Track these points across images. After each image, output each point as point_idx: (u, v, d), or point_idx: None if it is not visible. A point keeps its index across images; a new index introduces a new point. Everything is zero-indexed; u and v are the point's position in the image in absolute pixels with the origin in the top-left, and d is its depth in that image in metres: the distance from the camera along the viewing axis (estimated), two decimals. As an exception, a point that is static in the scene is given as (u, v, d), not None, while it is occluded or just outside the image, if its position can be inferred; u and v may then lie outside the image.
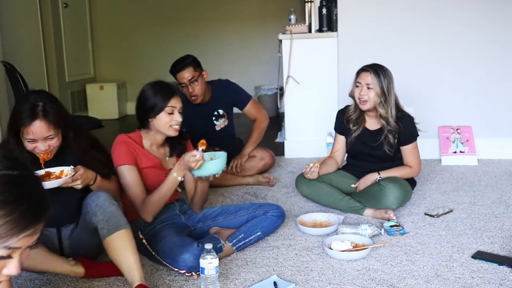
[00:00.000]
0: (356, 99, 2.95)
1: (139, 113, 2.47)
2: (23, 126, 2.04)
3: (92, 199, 2.11)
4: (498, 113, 4.03)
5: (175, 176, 2.32)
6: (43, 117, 2.04)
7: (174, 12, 6.81)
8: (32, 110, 2.04)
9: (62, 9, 6.21)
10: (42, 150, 2.09)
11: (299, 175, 3.15)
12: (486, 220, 2.79)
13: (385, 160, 3.02)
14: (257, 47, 6.74)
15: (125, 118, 6.77)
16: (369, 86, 2.88)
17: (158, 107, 2.39)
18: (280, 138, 4.88)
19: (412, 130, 2.98)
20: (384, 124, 2.94)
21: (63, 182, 2.05)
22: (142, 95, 2.46)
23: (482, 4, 3.93)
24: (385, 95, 2.89)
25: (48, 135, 2.07)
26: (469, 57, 3.99)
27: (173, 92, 2.43)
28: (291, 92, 4.24)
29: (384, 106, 2.90)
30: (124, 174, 2.35)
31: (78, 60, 6.55)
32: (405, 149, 2.99)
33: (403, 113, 2.97)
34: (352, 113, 3.05)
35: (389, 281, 2.15)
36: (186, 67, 3.48)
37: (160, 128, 2.42)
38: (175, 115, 2.40)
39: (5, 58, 4.65)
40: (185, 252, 2.14)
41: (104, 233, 2.03)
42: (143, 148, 2.45)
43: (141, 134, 2.49)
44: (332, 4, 4.12)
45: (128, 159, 2.36)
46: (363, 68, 2.94)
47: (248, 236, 2.47)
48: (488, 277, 2.16)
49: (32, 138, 2.05)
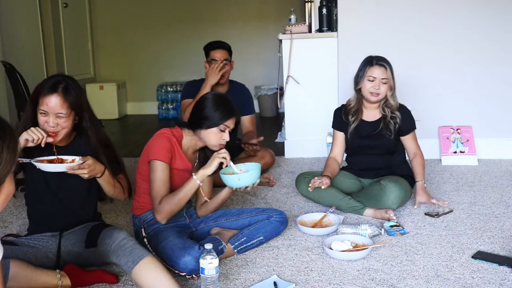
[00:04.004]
0: (367, 92, 2.95)
1: (193, 116, 2.43)
2: (41, 96, 2.12)
3: (111, 239, 2.11)
4: (498, 113, 4.03)
5: (195, 178, 2.31)
6: (61, 93, 2.12)
7: (174, 12, 6.81)
8: (54, 84, 2.14)
9: (62, 9, 6.21)
10: (51, 125, 2.12)
11: (299, 175, 3.15)
12: (486, 220, 2.79)
13: (385, 153, 3.02)
14: (257, 47, 6.74)
15: (125, 118, 6.77)
16: (384, 81, 2.92)
17: (213, 122, 2.36)
18: (280, 138, 4.88)
19: (411, 119, 3.04)
20: (387, 112, 2.98)
21: (69, 167, 2.09)
22: (202, 103, 2.41)
23: (482, 4, 3.93)
24: (394, 86, 2.98)
25: (60, 112, 2.12)
26: (469, 57, 3.99)
27: (233, 112, 2.40)
28: (291, 92, 4.24)
29: (393, 96, 2.98)
30: (157, 170, 2.33)
31: (78, 60, 6.55)
32: (407, 138, 3.03)
33: (399, 104, 3.05)
34: (352, 106, 3.07)
35: (389, 281, 2.15)
36: (223, 48, 3.67)
37: (207, 140, 2.40)
38: (225, 134, 2.39)
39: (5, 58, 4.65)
40: (186, 255, 2.14)
41: (129, 266, 2.02)
42: (181, 149, 2.43)
43: (182, 133, 2.46)
44: (332, 4, 4.12)
45: (166, 156, 2.34)
46: (376, 63, 2.95)
47: (251, 239, 2.46)
48: (488, 277, 2.16)
49: (45, 110, 2.12)
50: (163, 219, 2.34)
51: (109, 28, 6.92)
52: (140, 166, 2.46)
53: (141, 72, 6.91)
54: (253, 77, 6.55)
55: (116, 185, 2.30)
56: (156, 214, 2.35)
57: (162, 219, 2.34)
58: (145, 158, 2.42)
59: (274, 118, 6.32)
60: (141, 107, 6.95)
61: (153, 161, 2.34)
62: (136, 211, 2.47)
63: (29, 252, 2.15)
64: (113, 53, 6.96)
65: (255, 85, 6.47)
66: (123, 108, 6.83)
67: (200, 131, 2.39)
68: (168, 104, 6.64)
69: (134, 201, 2.50)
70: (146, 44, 6.86)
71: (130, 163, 3.58)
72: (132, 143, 5.05)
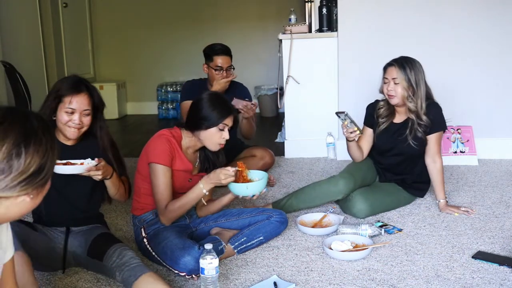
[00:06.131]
0: (385, 95, 2.89)
1: (191, 117, 2.43)
2: (68, 95, 2.16)
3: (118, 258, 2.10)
4: (498, 113, 4.03)
5: (201, 187, 2.31)
6: (88, 92, 2.21)
7: (174, 12, 6.80)
8: (79, 82, 2.22)
9: (62, 9, 6.20)
10: (76, 123, 2.17)
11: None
12: (487, 220, 2.79)
13: (408, 159, 2.96)
14: (257, 47, 6.73)
15: (125, 118, 6.77)
16: (396, 81, 2.81)
17: (212, 121, 2.36)
18: (280, 138, 4.87)
19: (440, 118, 2.90)
20: (413, 117, 2.87)
21: (88, 168, 2.11)
22: (199, 103, 2.41)
23: (482, 4, 3.92)
24: (413, 88, 2.80)
25: (86, 109, 2.18)
26: (470, 57, 3.99)
27: (230, 110, 2.41)
28: (291, 92, 4.23)
29: (413, 100, 2.81)
30: (159, 173, 2.33)
31: (77, 60, 6.55)
32: (430, 138, 2.90)
33: (430, 101, 2.88)
34: (382, 108, 2.99)
35: (389, 281, 2.15)
36: (228, 54, 3.60)
37: (206, 140, 2.40)
38: (225, 133, 2.39)
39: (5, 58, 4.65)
40: (186, 255, 2.14)
41: (131, 280, 2.01)
42: (181, 150, 2.43)
43: (181, 134, 2.46)
44: (332, 4, 4.12)
45: (167, 159, 2.34)
46: (389, 63, 2.88)
47: (251, 240, 2.46)
48: (488, 277, 2.16)
49: (73, 108, 2.16)
50: (168, 223, 2.38)
51: (109, 28, 6.91)
52: (140, 166, 2.46)
53: (141, 72, 6.91)
54: (253, 77, 6.55)
55: (120, 187, 2.32)
56: (161, 218, 2.37)
57: (166, 222, 2.38)
58: (144, 159, 2.42)
59: (274, 118, 6.31)
60: (141, 107, 6.95)
61: (154, 164, 2.34)
62: (136, 212, 2.47)
63: (41, 239, 2.17)
64: (113, 53, 6.96)
65: (255, 85, 6.47)
66: (123, 108, 6.83)
67: (200, 132, 2.39)
68: (168, 104, 6.64)
69: (134, 202, 2.50)
70: (146, 44, 6.85)
71: (130, 163, 3.56)
72: (132, 143, 5.04)
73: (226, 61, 3.58)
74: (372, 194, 2.91)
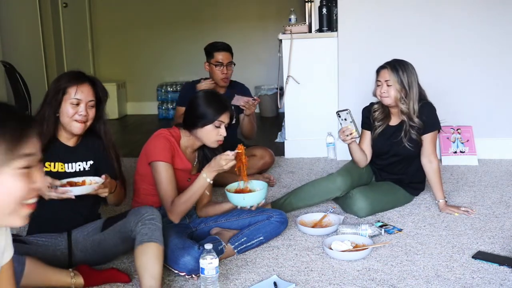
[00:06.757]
0: (378, 97, 2.91)
1: (187, 117, 2.46)
2: (72, 85, 2.15)
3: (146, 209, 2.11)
4: (498, 113, 4.02)
5: (205, 177, 2.32)
6: (91, 81, 2.21)
7: (174, 12, 6.80)
8: (80, 73, 2.21)
9: (62, 9, 6.20)
10: (83, 114, 2.15)
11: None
12: (487, 220, 2.79)
13: (404, 160, 2.97)
14: (257, 47, 6.73)
15: (125, 118, 6.76)
16: (389, 83, 2.83)
17: (208, 119, 2.38)
18: (280, 138, 4.87)
19: (434, 118, 2.91)
20: (405, 119, 2.89)
21: (96, 188, 2.09)
22: (195, 102, 2.44)
23: (482, 4, 3.92)
24: (406, 90, 2.83)
25: (91, 100, 2.17)
26: (470, 57, 3.99)
27: (226, 107, 2.43)
28: (291, 92, 4.23)
29: (406, 102, 2.84)
30: (161, 171, 2.35)
31: (77, 60, 6.54)
32: (426, 138, 2.90)
33: (424, 102, 2.90)
34: (377, 111, 3.00)
35: (390, 281, 2.15)
36: (228, 50, 3.67)
37: (203, 138, 2.42)
38: (222, 129, 2.40)
39: (5, 58, 4.65)
40: (186, 255, 2.14)
41: (144, 239, 2.02)
42: (180, 149, 2.44)
43: (180, 133, 2.47)
44: (332, 4, 4.11)
45: (167, 156, 2.36)
46: (381, 66, 2.90)
47: (251, 240, 2.46)
48: (488, 277, 2.16)
49: (78, 99, 2.14)
50: (177, 219, 2.38)
51: (109, 28, 6.91)
52: (139, 167, 2.46)
53: (141, 72, 6.90)
54: (253, 77, 6.54)
55: (120, 194, 2.31)
56: (169, 214, 2.37)
57: (175, 219, 2.38)
58: (144, 159, 2.42)
59: (274, 118, 6.31)
60: (141, 107, 6.95)
61: (155, 163, 2.35)
62: None
63: (37, 251, 2.15)
64: (113, 53, 6.96)
65: (255, 85, 6.47)
66: (123, 108, 6.83)
67: (196, 130, 2.40)
68: (168, 104, 6.63)
69: (134, 202, 2.50)
70: (146, 44, 6.85)
71: (130, 163, 3.57)
72: (132, 143, 5.04)
73: (226, 57, 3.62)
74: (371, 192, 2.92)
